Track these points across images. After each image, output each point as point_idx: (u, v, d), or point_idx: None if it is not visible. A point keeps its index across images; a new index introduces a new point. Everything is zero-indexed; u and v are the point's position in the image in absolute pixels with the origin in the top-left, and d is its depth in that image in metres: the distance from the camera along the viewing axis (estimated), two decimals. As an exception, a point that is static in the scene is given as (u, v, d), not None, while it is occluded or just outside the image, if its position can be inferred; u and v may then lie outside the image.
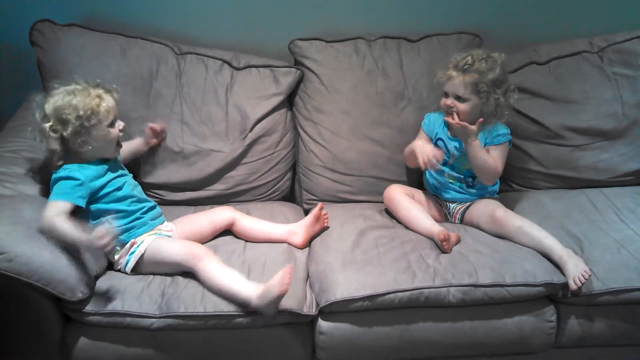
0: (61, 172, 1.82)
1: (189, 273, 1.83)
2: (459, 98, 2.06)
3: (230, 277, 1.77)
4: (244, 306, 1.74)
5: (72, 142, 1.82)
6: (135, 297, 1.75)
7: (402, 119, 2.29)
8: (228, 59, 2.32)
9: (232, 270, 1.80)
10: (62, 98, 1.82)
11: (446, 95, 2.09)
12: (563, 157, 2.31)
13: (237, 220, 2.04)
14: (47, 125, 1.81)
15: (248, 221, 2.05)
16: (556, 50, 2.35)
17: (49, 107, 1.81)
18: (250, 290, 1.73)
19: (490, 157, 2.07)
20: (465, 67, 2.04)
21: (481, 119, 2.02)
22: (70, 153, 1.85)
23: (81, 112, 1.80)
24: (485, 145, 2.09)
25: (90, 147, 1.84)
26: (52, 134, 1.81)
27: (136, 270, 1.85)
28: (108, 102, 1.86)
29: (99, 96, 1.84)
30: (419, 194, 2.20)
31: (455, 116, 2.05)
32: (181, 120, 2.24)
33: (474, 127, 2.01)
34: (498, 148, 2.10)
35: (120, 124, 1.90)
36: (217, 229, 2.04)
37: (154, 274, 1.85)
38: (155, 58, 2.26)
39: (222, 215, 2.05)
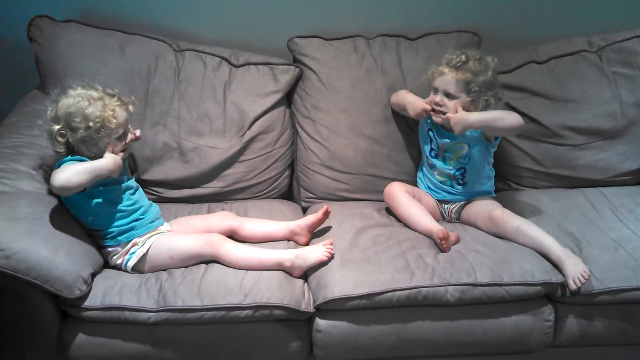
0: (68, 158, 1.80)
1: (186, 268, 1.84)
2: (448, 95, 2.06)
3: (255, 249, 1.88)
4: (277, 266, 1.85)
5: (77, 148, 1.82)
6: (133, 292, 1.75)
7: (401, 117, 2.28)
8: (226, 56, 2.31)
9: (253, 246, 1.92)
10: (76, 103, 1.79)
11: (435, 91, 2.09)
12: (561, 156, 2.31)
13: (237, 231, 1.99)
14: (56, 128, 1.79)
15: (249, 226, 2.01)
16: (555, 50, 2.35)
17: (61, 110, 1.79)
18: (280, 253, 1.87)
19: (495, 111, 2.04)
20: (459, 64, 2.05)
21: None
22: (74, 154, 1.83)
23: (91, 124, 1.78)
24: (478, 134, 2.09)
25: (94, 155, 1.82)
26: (59, 138, 1.79)
27: (139, 269, 1.85)
28: (120, 117, 1.83)
29: (113, 110, 1.81)
30: (418, 192, 2.19)
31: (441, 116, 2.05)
32: (179, 116, 2.23)
33: (459, 114, 2.00)
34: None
35: (130, 136, 1.87)
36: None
37: (159, 269, 1.84)
38: (153, 55, 2.26)
39: (219, 224, 1.99)
